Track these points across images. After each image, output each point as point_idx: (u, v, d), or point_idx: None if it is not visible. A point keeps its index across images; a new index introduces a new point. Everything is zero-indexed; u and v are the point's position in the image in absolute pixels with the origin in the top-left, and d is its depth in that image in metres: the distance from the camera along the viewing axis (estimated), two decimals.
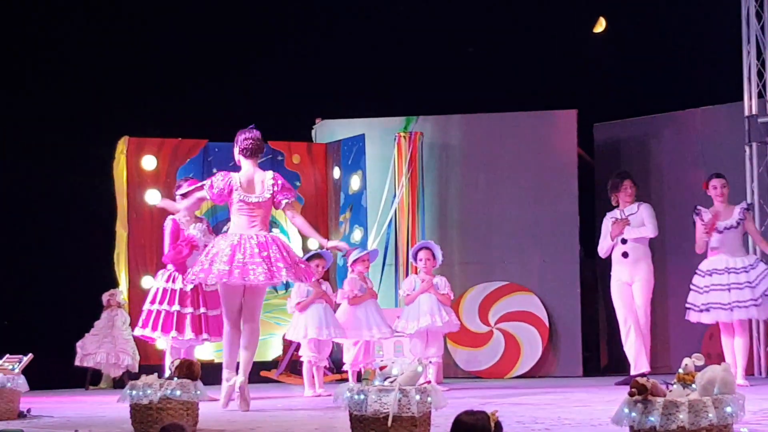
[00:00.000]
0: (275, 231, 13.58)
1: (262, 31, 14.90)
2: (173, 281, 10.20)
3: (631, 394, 5.14)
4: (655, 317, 12.08)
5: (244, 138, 9.07)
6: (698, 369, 5.37)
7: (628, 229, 11.23)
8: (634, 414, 5.11)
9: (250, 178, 8.97)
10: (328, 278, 11.86)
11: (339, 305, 11.07)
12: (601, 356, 14.12)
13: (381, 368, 6.11)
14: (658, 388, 5.17)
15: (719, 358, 10.94)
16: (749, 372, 11.55)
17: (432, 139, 13.65)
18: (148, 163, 13.34)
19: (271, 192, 8.94)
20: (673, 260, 12.67)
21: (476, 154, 13.78)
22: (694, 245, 10.86)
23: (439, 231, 13.51)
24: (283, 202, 8.96)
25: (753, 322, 11.94)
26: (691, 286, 10.88)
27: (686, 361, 5.34)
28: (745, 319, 10.74)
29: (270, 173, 9.07)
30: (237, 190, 8.89)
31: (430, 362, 10.84)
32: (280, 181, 9.00)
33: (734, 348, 10.80)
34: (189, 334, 10.17)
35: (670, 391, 5.23)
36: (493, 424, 4.83)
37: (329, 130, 14.29)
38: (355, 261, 11.09)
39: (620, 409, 5.18)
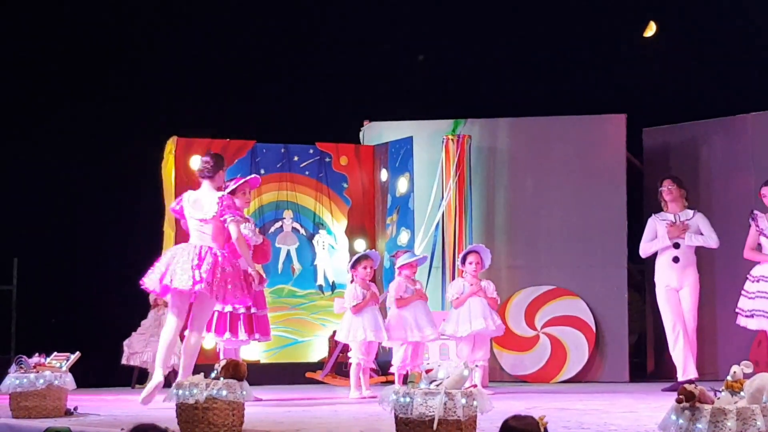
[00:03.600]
0: (322, 232, 13.67)
1: (312, 33, 14.94)
2: None
3: (678, 401, 5.09)
4: (703, 324, 12.01)
5: (200, 161, 9.72)
6: (747, 376, 5.31)
7: (689, 236, 11.16)
8: (681, 421, 5.07)
9: (198, 197, 9.47)
10: (375, 280, 11.85)
11: (387, 308, 11.07)
12: (647, 362, 14.03)
13: (427, 371, 6.09)
14: (705, 395, 5.12)
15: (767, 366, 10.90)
16: None
17: (480, 143, 13.62)
18: (197, 163, 13.37)
19: (215, 211, 9.31)
20: (721, 267, 12.57)
21: (524, 158, 13.74)
22: (743, 251, 10.81)
23: (485, 234, 13.47)
24: (228, 219, 9.29)
25: None
26: (742, 291, 10.81)
27: (734, 368, 5.28)
28: None
29: (218, 194, 9.44)
30: (186, 207, 9.48)
31: (477, 366, 10.79)
32: (225, 202, 9.36)
33: None
34: (243, 334, 10.24)
35: (718, 398, 5.18)
36: (542, 430, 4.81)
37: (377, 132, 14.30)
38: (403, 265, 11.08)
39: (667, 416, 5.14)
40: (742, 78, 13.57)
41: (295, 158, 13.78)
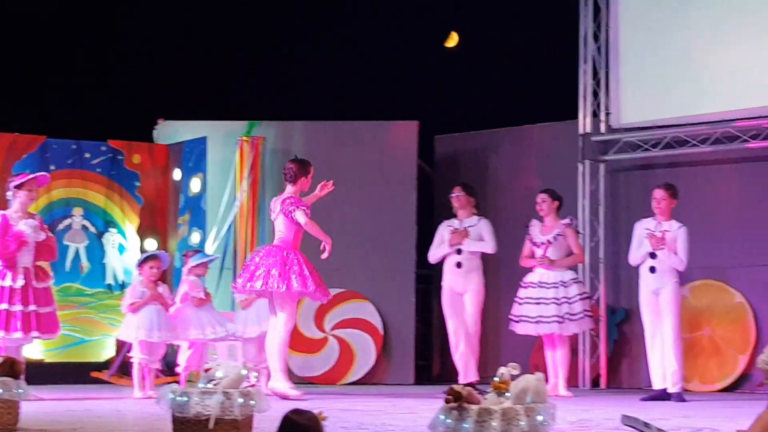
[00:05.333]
0: (112, 230, 13.52)
1: (105, 29, 14.78)
2: (2, 278, 10.04)
3: (446, 401, 5.25)
4: (487, 328, 12.32)
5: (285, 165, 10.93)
6: (514, 378, 5.50)
7: (468, 242, 11.41)
8: (449, 420, 5.22)
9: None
10: (165, 280, 11.79)
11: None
12: (433, 365, 14.31)
13: (206, 370, 6.12)
14: (473, 396, 5.29)
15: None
16: (573, 383, 11.90)
17: (274, 145, 13.67)
18: None
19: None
20: (506, 273, 12.89)
21: (318, 162, 13.76)
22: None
23: None
24: (291, 210, 10.60)
25: (580, 336, 12.27)
26: (515, 297, 11.29)
27: (502, 370, 5.46)
28: (560, 333, 11.13)
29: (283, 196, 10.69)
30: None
31: (264, 367, 10.86)
32: (288, 200, 10.62)
33: (555, 360, 11.17)
34: (18, 333, 10.02)
35: (485, 399, 5.35)
36: (321, 424, 4.86)
37: (172, 131, 14.18)
38: (194, 266, 11.08)
39: (436, 416, 5.29)
40: (531, 90, 13.96)
41: (87, 155, 13.56)
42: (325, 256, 10.48)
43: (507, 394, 5.34)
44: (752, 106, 11.80)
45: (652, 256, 10.63)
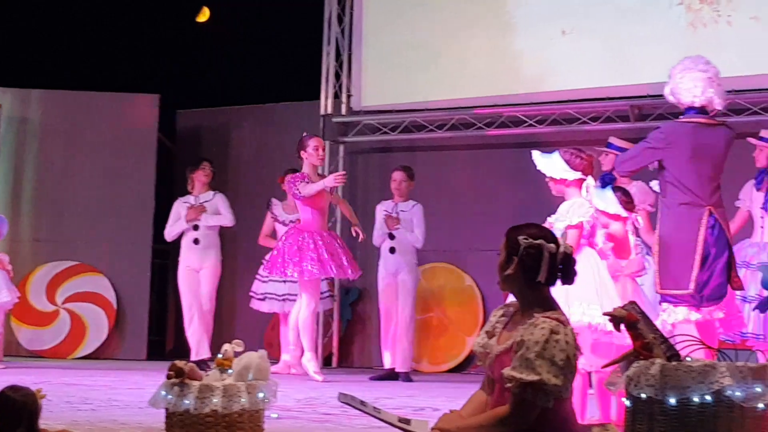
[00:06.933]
0: None
1: None
2: None
3: (168, 377, 5.24)
4: (222, 305, 12.33)
5: None
6: (237, 355, 5.52)
7: (205, 216, 11.39)
8: (170, 396, 5.22)
9: None
10: None
11: None
12: (167, 341, 14.22)
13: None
14: (195, 372, 5.30)
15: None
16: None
17: (10, 113, 13.29)
18: None
19: None
20: (243, 251, 12.91)
21: (56, 131, 13.53)
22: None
23: (12, 206, 13.17)
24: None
25: (320, 314, 12.38)
26: (257, 275, 11.32)
27: (226, 346, 5.48)
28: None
29: None
30: None
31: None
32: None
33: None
34: None
35: (208, 375, 5.36)
36: (39, 401, 4.75)
37: None
38: None
39: (158, 392, 5.28)
40: (276, 69, 13.99)
41: None
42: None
43: (230, 371, 5.37)
44: (490, 94, 12.11)
45: (391, 237, 10.86)
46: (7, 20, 14.24)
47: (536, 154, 6.92)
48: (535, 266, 4.61)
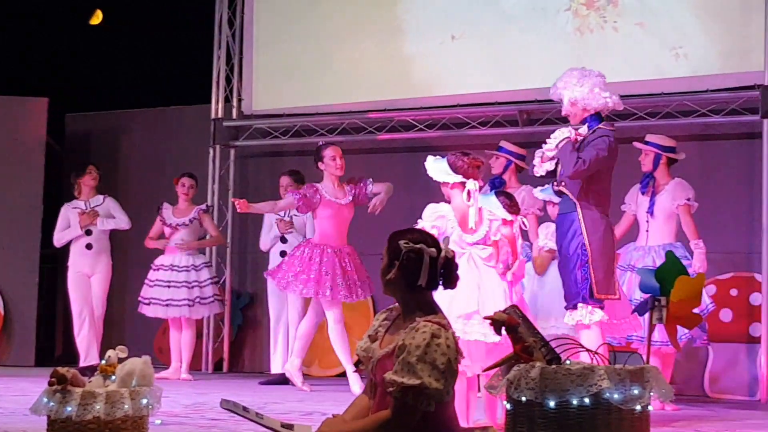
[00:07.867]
0: None
1: None
2: None
3: (50, 383, 5.20)
4: (112, 310, 12.23)
5: None
6: (121, 361, 5.49)
7: (101, 221, 11.35)
8: (52, 403, 5.18)
9: None
10: None
11: None
12: (56, 346, 14.05)
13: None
14: (78, 379, 5.26)
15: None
16: (196, 367, 12.01)
17: None
18: None
19: None
20: (135, 255, 12.78)
21: None
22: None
23: None
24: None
25: (205, 319, 12.33)
26: (146, 280, 11.27)
27: (110, 352, 5.45)
28: (190, 316, 11.21)
29: None
30: None
31: None
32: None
33: (181, 343, 11.24)
34: None
35: (91, 381, 5.33)
36: None
37: None
38: None
39: (39, 399, 5.25)
40: (166, 72, 13.92)
41: None
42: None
43: (113, 377, 5.34)
44: (381, 98, 12.16)
45: (282, 240, 10.91)
46: None
47: (429, 159, 6.98)
48: (416, 270, 4.65)
